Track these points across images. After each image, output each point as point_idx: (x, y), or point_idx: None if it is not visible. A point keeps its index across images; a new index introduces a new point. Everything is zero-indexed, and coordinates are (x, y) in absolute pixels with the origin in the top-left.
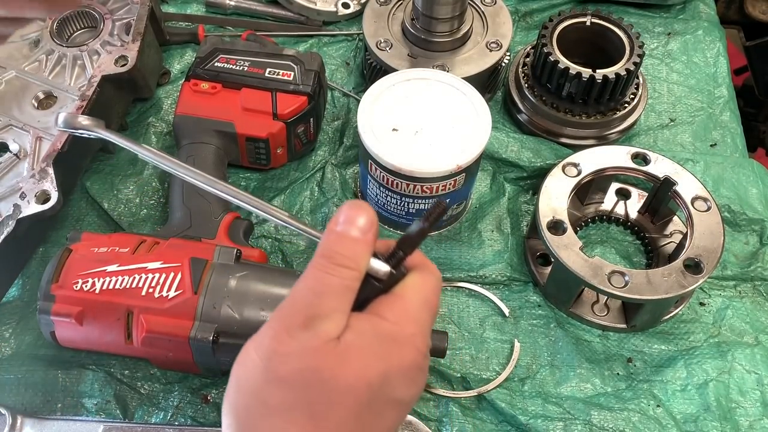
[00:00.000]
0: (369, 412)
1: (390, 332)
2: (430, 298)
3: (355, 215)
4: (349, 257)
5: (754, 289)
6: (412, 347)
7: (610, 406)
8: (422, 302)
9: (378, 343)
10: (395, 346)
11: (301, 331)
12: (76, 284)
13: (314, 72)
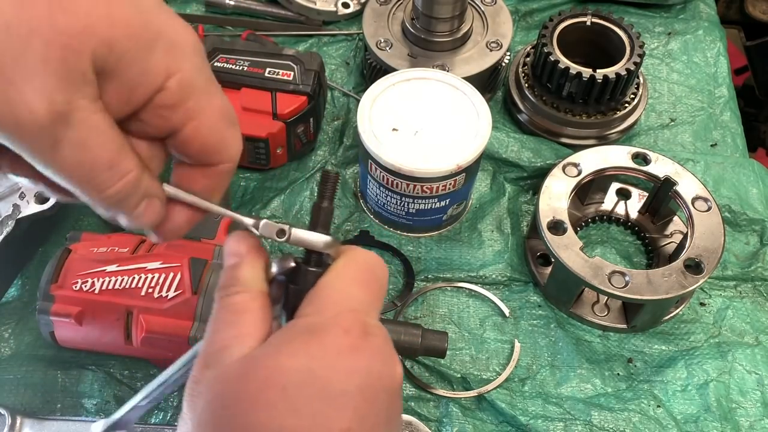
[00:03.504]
0: (294, 415)
1: (306, 325)
2: (358, 274)
3: (231, 245)
4: (235, 283)
5: (755, 289)
6: (336, 329)
7: (611, 406)
8: (347, 281)
9: (291, 342)
10: (313, 336)
11: (206, 369)
12: (76, 284)
13: (314, 72)
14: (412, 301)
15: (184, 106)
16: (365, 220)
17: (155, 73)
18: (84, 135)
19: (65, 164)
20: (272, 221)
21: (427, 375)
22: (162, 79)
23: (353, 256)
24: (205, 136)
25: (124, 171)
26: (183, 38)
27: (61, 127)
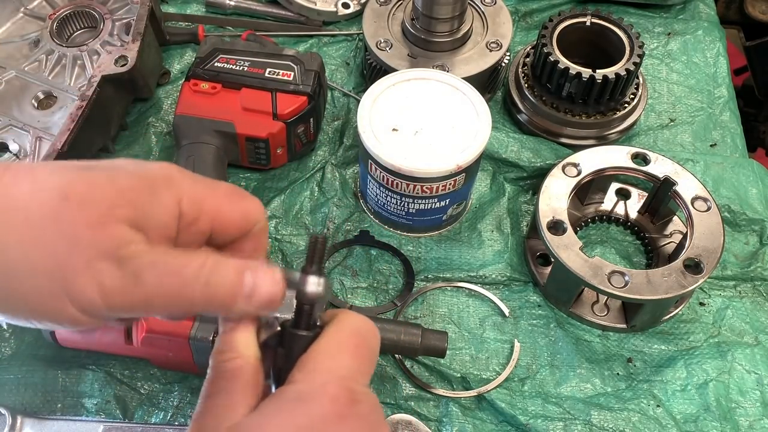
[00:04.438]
0: None
1: (294, 393)
2: (348, 340)
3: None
4: (230, 349)
5: (754, 289)
6: (322, 398)
7: (610, 406)
8: (336, 347)
9: (279, 411)
10: (300, 405)
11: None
12: None
13: (314, 72)
14: (412, 300)
15: (204, 212)
16: (365, 220)
17: (171, 206)
18: (150, 259)
19: (153, 290)
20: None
21: (427, 375)
22: (177, 206)
23: (344, 321)
24: (233, 219)
25: (199, 261)
26: (167, 172)
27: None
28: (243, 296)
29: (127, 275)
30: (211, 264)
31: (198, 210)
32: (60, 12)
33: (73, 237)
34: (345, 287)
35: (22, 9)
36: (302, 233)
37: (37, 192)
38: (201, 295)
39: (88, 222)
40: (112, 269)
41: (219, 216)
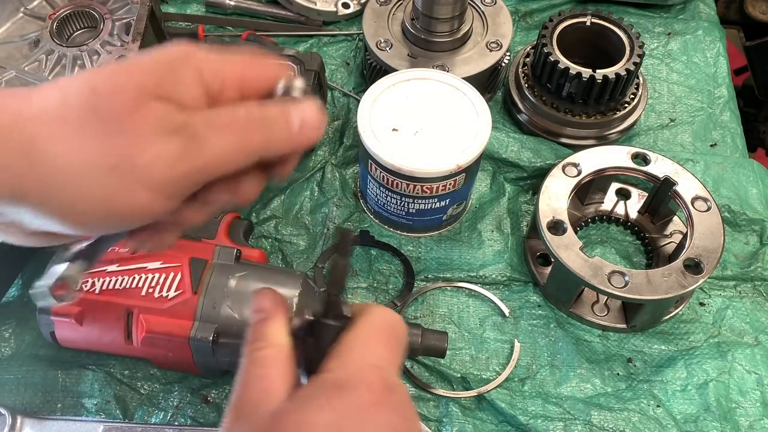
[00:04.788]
0: None
1: (331, 381)
2: (380, 332)
3: (258, 302)
4: (262, 338)
5: (754, 289)
6: (359, 385)
7: (610, 406)
8: (369, 337)
9: (317, 398)
10: (338, 392)
11: (237, 422)
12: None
13: (314, 72)
14: (412, 301)
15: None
16: (365, 220)
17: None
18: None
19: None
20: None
21: (427, 375)
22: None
23: (375, 314)
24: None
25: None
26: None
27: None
28: (295, 127)
29: (188, 139)
30: (256, 107)
31: (221, 79)
32: (60, 12)
33: (119, 125)
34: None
35: (22, 9)
36: (302, 233)
37: (66, 96)
38: (260, 135)
39: (126, 107)
40: (171, 139)
41: (243, 82)
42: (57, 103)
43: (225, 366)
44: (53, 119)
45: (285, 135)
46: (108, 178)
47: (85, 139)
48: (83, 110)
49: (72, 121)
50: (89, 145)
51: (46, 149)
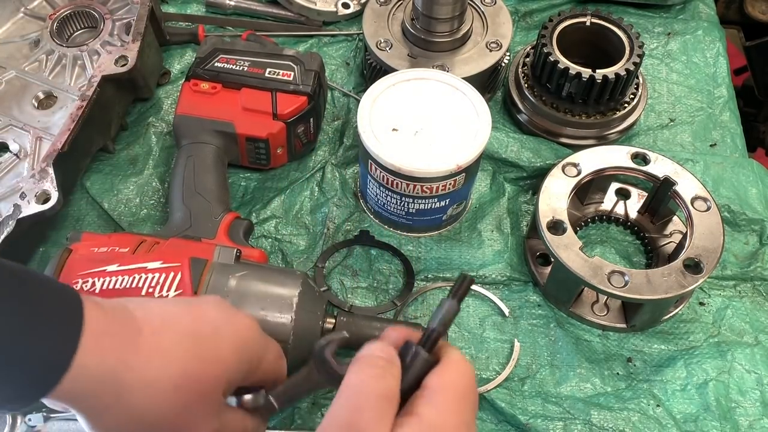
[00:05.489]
0: None
1: (426, 425)
2: (467, 389)
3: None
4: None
5: (754, 288)
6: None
7: (610, 405)
8: (461, 393)
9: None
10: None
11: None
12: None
13: (314, 72)
14: (412, 300)
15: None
16: (365, 220)
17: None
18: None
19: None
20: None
21: None
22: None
23: (461, 360)
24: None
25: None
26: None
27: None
28: None
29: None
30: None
31: (267, 375)
32: (60, 12)
33: (187, 407)
34: (345, 287)
35: (22, 9)
36: (302, 233)
37: (164, 369)
38: None
39: (200, 394)
40: (212, 424)
41: (269, 373)
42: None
43: None
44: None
45: None
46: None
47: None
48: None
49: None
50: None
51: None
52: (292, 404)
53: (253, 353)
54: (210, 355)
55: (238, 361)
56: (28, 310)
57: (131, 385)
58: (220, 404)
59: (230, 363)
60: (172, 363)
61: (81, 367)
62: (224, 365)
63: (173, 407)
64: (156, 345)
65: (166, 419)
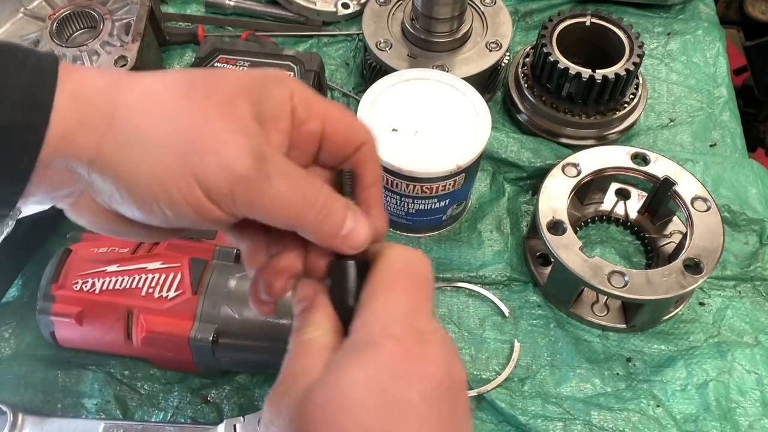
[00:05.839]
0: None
1: (357, 342)
2: (399, 276)
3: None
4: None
5: (754, 289)
6: (386, 342)
7: (610, 406)
8: (389, 287)
9: (346, 365)
10: (366, 353)
11: (280, 398)
12: (76, 284)
13: (314, 72)
14: None
15: (314, 113)
16: None
17: (284, 99)
18: (281, 166)
19: (280, 195)
20: None
21: None
22: (290, 101)
23: (392, 258)
24: (342, 123)
25: (319, 186)
26: (278, 73)
27: (263, 167)
28: (340, 235)
29: (260, 171)
30: (327, 192)
31: (308, 109)
32: (60, 12)
33: (206, 120)
34: None
35: (22, 9)
36: None
37: (162, 79)
38: (313, 219)
39: (218, 107)
40: (246, 159)
41: (328, 119)
42: (151, 82)
43: (225, 366)
44: (144, 95)
45: (329, 232)
46: (175, 161)
47: (169, 120)
48: (176, 95)
49: (162, 102)
50: (172, 126)
51: (130, 118)
52: None
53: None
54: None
55: (254, 78)
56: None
57: (129, 101)
58: (250, 124)
59: (243, 78)
60: (173, 76)
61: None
62: (237, 78)
63: (186, 118)
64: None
65: (180, 134)
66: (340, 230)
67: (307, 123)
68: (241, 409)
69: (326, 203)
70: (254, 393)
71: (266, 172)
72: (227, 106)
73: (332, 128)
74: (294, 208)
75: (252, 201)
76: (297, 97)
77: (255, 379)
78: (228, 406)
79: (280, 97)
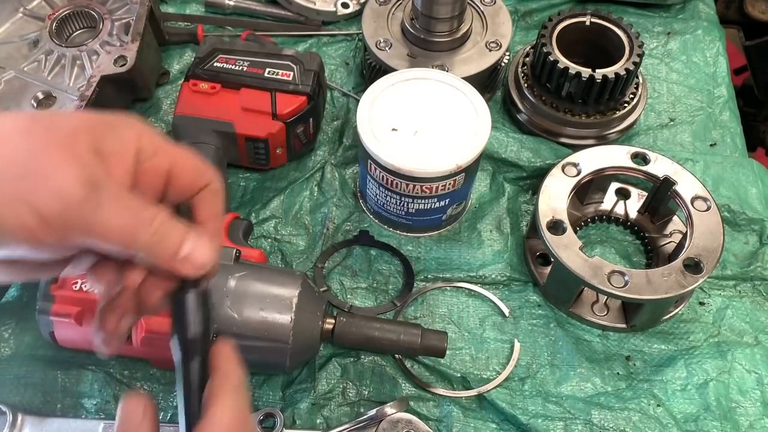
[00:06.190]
0: None
1: None
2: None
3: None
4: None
5: (754, 288)
6: None
7: (611, 405)
8: None
9: None
10: None
11: None
12: (76, 284)
13: (313, 72)
14: (411, 301)
15: (161, 153)
16: (365, 220)
17: (130, 138)
18: (114, 192)
19: (112, 218)
20: None
21: (427, 374)
22: (136, 141)
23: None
24: (189, 164)
25: (154, 210)
26: (128, 117)
27: (95, 193)
28: (179, 257)
29: (91, 196)
30: (163, 217)
31: (155, 149)
32: (59, 12)
33: (40, 148)
34: (345, 287)
35: (22, 9)
36: (302, 233)
37: (7, 118)
38: (146, 240)
39: (55, 139)
40: (79, 185)
41: (175, 161)
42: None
43: None
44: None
45: (166, 253)
46: (8, 188)
47: (7, 152)
48: (16, 131)
49: (2, 136)
50: (10, 158)
51: None
52: None
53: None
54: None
55: (101, 119)
56: None
57: None
58: (88, 157)
59: (89, 118)
60: (18, 114)
61: None
62: (81, 117)
63: (24, 150)
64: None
65: (16, 163)
66: (178, 252)
67: (153, 161)
68: None
69: (161, 226)
70: (254, 393)
71: (98, 197)
72: (67, 138)
73: (179, 169)
74: (126, 229)
75: (84, 224)
76: (145, 139)
77: (255, 379)
78: None
79: (125, 136)
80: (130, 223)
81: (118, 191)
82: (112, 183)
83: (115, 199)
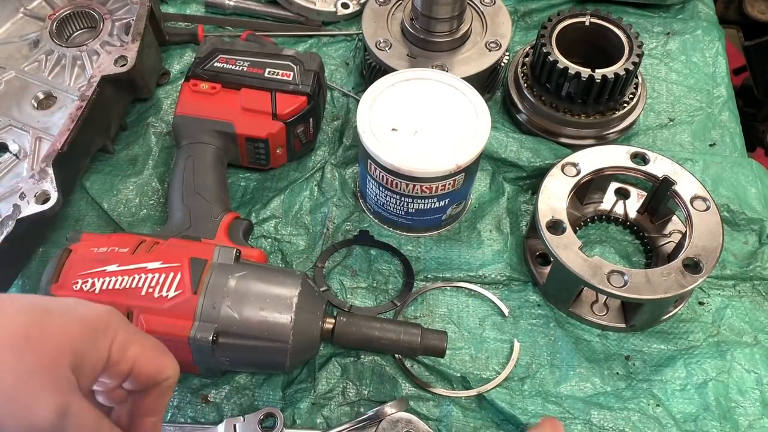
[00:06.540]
0: None
1: None
2: None
3: None
4: None
5: (753, 288)
6: None
7: (610, 405)
8: None
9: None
10: None
11: None
12: (76, 284)
13: (313, 72)
14: (411, 300)
15: (126, 357)
16: (365, 220)
17: (104, 349)
18: (78, 419)
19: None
20: None
21: (426, 374)
22: (107, 349)
23: None
24: (148, 369)
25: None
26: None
27: (62, 420)
28: None
29: (57, 424)
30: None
31: (122, 355)
32: (59, 12)
33: (27, 377)
34: (345, 287)
35: (22, 9)
36: (302, 233)
37: (6, 328)
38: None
39: (43, 363)
40: (51, 413)
41: (137, 362)
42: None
43: (225, 366)
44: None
45: None
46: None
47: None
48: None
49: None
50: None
51: None
52: None
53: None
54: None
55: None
56: None
57: None
58: (66, 380)
59: (79, 332)
60: (15, 320)
61: None
62: (72, 332)
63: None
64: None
65: (2, 391)
66: None
67: (118, 366)
68: (241, 409)
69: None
70: (254, 393)
71: (63, 424)
72: (53, 361)
73: (139, 368)
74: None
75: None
76: (116, 345)
77: (255, 379)
78: (228, 406)
79: (101, 348)
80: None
81: (82, 417)
82: (80, 402)
83: (77, 428)
